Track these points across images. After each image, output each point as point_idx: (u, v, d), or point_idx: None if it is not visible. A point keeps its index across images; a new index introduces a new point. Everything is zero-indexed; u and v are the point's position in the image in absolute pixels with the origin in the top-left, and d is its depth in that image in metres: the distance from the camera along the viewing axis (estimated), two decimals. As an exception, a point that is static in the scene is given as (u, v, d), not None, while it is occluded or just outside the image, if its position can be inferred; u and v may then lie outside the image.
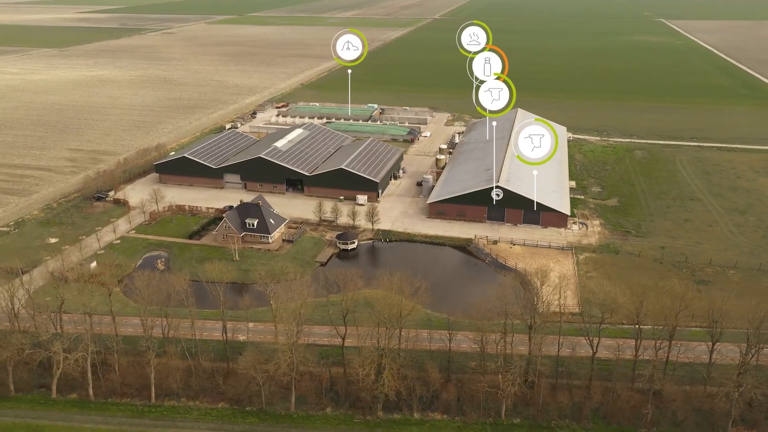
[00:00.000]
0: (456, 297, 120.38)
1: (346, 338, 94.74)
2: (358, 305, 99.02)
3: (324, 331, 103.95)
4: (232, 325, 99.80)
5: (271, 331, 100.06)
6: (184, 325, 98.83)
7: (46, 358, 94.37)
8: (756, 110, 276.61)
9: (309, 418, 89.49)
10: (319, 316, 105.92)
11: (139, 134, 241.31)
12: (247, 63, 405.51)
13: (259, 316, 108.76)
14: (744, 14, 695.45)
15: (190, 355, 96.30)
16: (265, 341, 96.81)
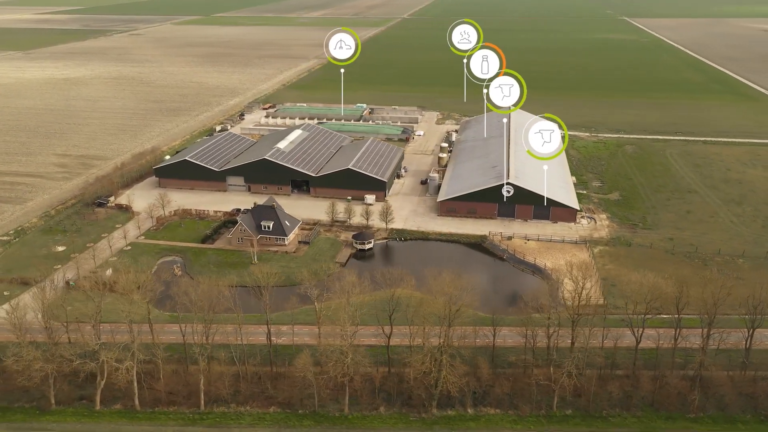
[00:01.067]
0: (486, 293, 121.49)
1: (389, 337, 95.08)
2: (400, 304, 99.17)
3: (368, 331, 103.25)
4: (275, 328, 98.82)
5: (315, 333, 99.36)
6: (225, 330, 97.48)
7: (86, 369, 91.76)
8: (731, 105, 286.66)
9: (364, 419, 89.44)
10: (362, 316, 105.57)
11: (126, 138, 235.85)
12: (223, 64, 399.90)
13: (303, 318, 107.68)
14: (702, 13, 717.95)
15: (236, 361, 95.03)
16: (315, 343, 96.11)
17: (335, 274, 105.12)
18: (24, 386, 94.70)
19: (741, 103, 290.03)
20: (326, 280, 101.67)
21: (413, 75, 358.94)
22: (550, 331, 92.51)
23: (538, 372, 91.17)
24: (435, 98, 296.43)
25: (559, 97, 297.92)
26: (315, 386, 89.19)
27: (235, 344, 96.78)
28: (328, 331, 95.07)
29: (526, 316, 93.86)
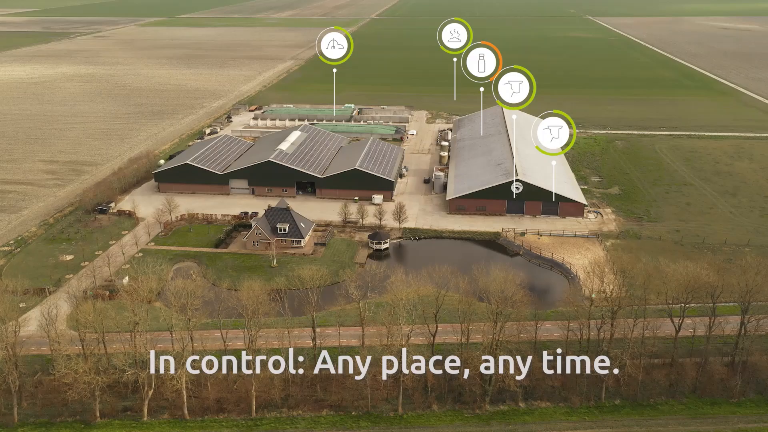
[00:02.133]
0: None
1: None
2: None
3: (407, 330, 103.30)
4: (320, 330, 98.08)
5: (360, 334, 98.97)
6: (269, 334, 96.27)
7: (133, 380, 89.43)
8: (705, 100, 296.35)
9: (419, 417, 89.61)
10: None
11: (113, 143, 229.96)
12: (198, 66, 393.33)
13: (346, 319, 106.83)
14: (661, 11, 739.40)
15: (285, 365, 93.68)
16: (359, 344, 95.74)
17: (377, 273, 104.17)
18: (63, 400, 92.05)
19: (714, 98, 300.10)
20: (370, 280, 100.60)
21: (398, 75, 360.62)
22: (599, 323, 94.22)
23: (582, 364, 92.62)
24: (422, 98, 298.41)
25: (541, 94, 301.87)
26: (369, 387, 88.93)
27: (281, 348, 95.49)
28: (374, 332, 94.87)
29: (574, 308, 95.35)
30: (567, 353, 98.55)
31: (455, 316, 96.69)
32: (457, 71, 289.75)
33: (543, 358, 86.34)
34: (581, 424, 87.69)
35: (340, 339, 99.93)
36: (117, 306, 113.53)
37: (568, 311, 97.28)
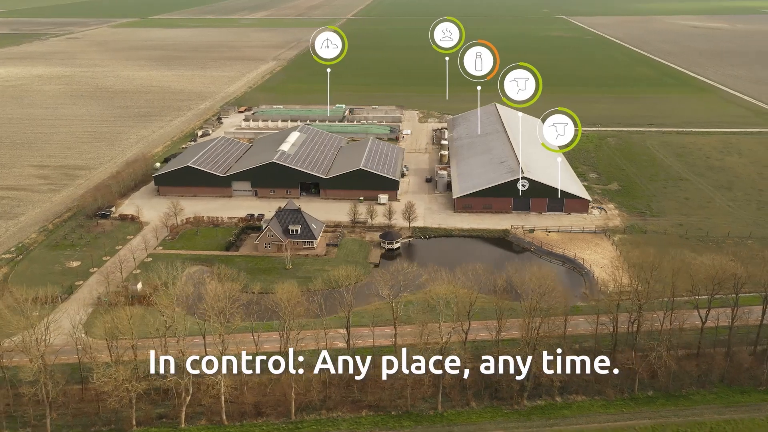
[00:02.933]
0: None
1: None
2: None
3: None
4: (356, 331, 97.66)
5: (391, 333, 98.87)
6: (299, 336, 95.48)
7: (169, 386, 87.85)
8: (687, 97, 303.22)
9: (459, 415, 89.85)
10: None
11: (103, 146, 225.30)
12: (179, 67, 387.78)
13: (365, 319, 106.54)
14: (631, 11, 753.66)
15: (322, 365, 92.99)
16: (408, 343, 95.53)
17: (413, 273, 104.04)
18: (95, 409, 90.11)
19: (696, 95, 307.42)
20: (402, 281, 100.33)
21: (385, 74, 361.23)
22: (632, 317, 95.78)
23: (620, 356, 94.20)
24: (411, 97, 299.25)
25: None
26: (409, 387, 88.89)
27: (315, 349, 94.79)
28: (409, 331, 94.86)
29: (604, 302, 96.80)
30: (597, 348, 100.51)
31: (489, 313, 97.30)
32: (450, 70, 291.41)
33: (543, 357, 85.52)
34: (620, 416, 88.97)
35: (374, 339, 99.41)
36: (135, 312, 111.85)
37: (597, 305, 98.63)
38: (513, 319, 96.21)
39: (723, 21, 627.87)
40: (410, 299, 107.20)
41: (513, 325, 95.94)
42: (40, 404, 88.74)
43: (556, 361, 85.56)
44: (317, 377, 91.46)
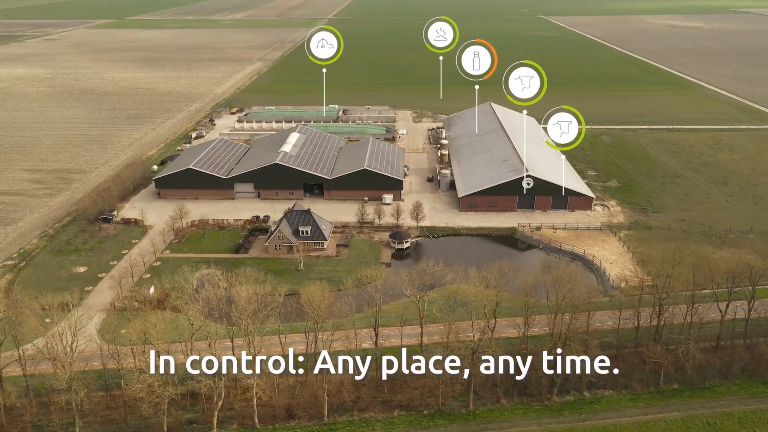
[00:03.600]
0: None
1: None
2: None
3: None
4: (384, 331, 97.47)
5: (417, 333, 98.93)
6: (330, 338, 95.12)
7: (198, 390, 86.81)
8: (673, 95, 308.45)
9: (491, 412, 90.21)
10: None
11: (95, 149, 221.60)
12: (164, 69, 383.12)
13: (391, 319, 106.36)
14: (607, 10, 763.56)
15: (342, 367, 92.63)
16: (435, 342, 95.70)
17: (440, 272, 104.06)
18: (122, 415, 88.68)
19: (681, 93, 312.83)
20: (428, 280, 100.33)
21: (376, 74, 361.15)
22: (655, 311, 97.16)
23: (646, 351, 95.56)
24: (403, 97, 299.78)
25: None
26: (441, 385, 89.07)
27: (344, 350, 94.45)
28: (435, 330, 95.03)
29: (630, 297, 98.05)
30: (619, 342, 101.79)
31: (510, 310, 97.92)
32: (444, 70, 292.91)
33: (543, 357, 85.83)
34: (649, 409, 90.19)
35: (402, 338, 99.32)
36: (152, 316, 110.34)
37: (620, 301, 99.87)
38: (536, 316, 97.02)
39: (699, 20, 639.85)
40: (434, 297, 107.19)
41: (535, 322, 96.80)
42: (64, 412, 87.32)
43: (556, 361, 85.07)
44: (348, 378, 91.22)
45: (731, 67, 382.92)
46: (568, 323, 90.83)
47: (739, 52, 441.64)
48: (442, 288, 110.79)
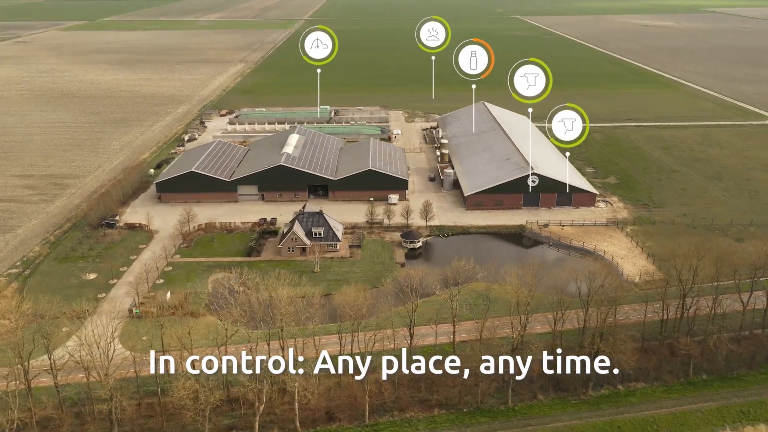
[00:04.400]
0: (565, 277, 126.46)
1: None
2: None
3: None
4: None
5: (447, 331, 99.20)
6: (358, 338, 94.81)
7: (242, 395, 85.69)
8: (656, 93, 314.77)
9: (531, 408, 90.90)
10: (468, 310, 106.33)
11: (86, 153, 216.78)
12: (144, 71, 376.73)
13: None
14: (578, 10, 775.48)
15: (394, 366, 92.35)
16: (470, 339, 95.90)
17: (471, 270, 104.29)
18: (158, 424, 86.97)
19: (664, 91, 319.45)
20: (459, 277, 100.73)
21: (364, 75, 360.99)
22: (685, 303, 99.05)
23: (675, 342, 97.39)
24: (392, 97, 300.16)
25: (499, 91, 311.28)
26: (480, 383, 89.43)
27: (393, 348, 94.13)
28: (466, 328, 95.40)
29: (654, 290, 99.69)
30: (645, 335, 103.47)
31: (542, 306, 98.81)
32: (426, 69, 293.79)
33: (543, 357, 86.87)
34: (683, 400, 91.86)
35: (437, 337, 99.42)
36: (174, 322, 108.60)
37: (647, 293, 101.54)
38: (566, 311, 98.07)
39: (670, 20, 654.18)
40: (465, 295, 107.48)
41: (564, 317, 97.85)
42: (99, 422, 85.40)
43: (556, 361, 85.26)
44: (389, 378, 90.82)
45: (706, 65, 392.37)
46: (604, 317, 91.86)
47: (711, 50, 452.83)
48: (471, 285, 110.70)
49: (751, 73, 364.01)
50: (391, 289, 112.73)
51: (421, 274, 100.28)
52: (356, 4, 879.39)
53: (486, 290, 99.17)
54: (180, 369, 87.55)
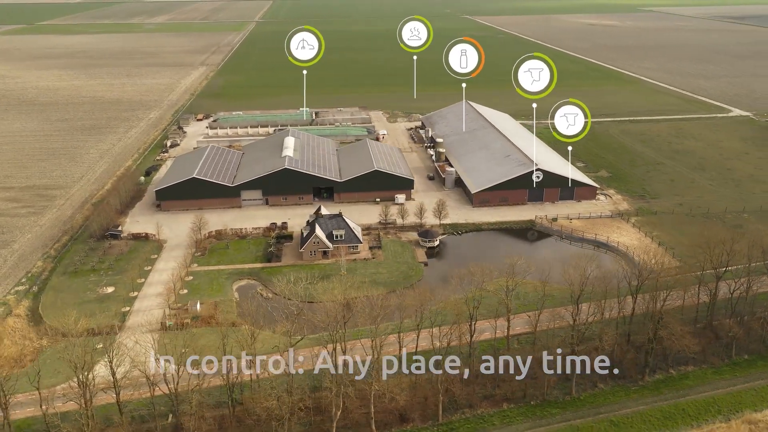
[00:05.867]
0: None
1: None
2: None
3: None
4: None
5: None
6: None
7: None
8: (621, 89, 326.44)
9: (595, 397, 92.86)
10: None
11: (64, 163, 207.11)
12: (102, 76, 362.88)
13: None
14: (527, 9, 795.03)
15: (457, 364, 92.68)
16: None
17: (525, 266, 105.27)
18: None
19: (626, 87, 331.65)
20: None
21: (336, 76, 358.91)
22: (736, 283, 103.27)
23: (718, 325, 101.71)
24: (370, 98, 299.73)
25: (473, 90, 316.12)
26: (546, 377, 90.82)
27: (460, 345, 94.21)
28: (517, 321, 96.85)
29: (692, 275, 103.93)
30: (686, 319, 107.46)
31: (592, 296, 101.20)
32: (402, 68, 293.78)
33: (543, 357, 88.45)
34: (735, 380, 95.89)
35: (495, 331, 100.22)
36: (211, 332, 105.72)
37: (684, 278, 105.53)
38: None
39: (613, 19, 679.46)
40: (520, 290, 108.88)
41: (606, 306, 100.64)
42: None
43: (556, 361, 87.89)
44: (458, 376, 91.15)
45: (658, 62, 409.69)
46: (663, 300, 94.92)
47: (659, 47, 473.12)
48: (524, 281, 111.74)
49: (701, 68, 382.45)
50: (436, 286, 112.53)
51: (480, 270, 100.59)
52: (303, 5, 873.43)
53: (541, 285, 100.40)
54: (254, 376, 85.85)
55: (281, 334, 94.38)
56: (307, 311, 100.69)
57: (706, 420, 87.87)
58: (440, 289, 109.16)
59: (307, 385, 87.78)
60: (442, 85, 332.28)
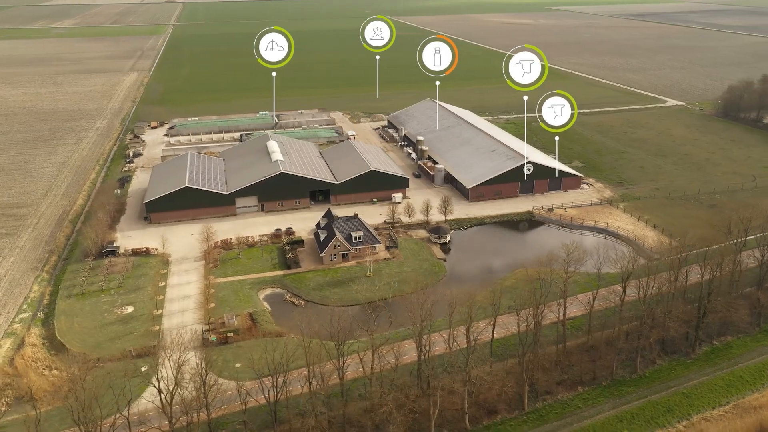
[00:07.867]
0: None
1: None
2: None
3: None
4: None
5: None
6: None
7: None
8: (559, 83, 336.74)
9: (658, 372, 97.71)
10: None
11: (21, 179, 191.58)
12: (25, 85, 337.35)
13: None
14: (443, 9, 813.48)
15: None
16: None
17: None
18: None
19: (563, 82, 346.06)
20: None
21: (284, 79, 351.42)
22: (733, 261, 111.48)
23: (749, 295, 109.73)
24: (321, 99, 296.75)
25: (406, 89, 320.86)
26: (614, 358, 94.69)
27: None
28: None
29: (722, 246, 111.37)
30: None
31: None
32: (381, 69, 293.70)
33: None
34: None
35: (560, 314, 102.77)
36: (256, 344, 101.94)
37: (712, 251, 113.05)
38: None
39: (527, 18, 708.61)
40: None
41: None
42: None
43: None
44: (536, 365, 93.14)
45: (583, 57, 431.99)
46: (711, 274, 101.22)
47: (579, 44, 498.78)
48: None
49: (624, 62, 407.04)
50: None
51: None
52: (219, 8, 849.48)
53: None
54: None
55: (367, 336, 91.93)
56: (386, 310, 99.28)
57: (763, 384, 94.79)
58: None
59: (398, 383, 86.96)
60: (400, 84, 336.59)
